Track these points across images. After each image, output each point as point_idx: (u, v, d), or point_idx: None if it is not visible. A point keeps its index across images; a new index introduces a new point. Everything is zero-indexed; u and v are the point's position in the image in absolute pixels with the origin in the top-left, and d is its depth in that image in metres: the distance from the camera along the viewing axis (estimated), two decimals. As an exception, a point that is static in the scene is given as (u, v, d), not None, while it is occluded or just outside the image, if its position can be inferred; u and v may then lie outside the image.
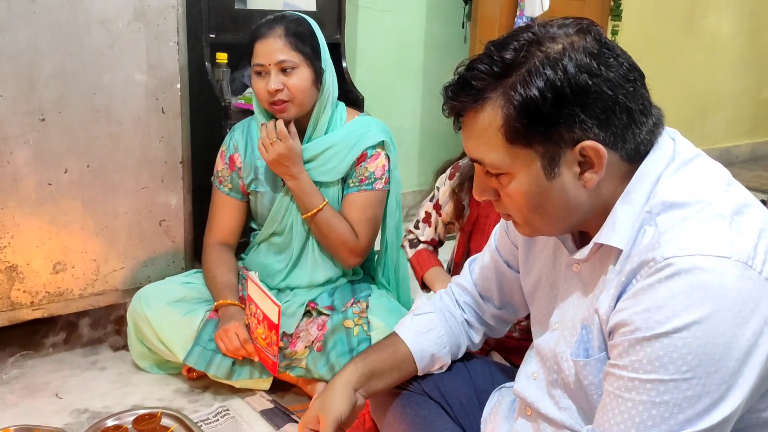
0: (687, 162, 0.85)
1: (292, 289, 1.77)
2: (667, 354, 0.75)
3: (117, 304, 1.88)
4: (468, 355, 1.32)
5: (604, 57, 0.80)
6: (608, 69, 0.80)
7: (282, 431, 1.55)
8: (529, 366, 1.03)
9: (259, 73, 1.63)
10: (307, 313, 1.72)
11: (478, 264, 1.21)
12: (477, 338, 1.22)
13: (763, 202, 3.60)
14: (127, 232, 1.82)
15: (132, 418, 1.46)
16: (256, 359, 1.62)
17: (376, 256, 1.88)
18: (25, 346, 1.84)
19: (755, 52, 4.59)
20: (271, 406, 1.64)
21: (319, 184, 1.70)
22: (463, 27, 3.19)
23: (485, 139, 0.83)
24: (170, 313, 1.68)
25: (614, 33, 3.61)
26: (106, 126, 1.73)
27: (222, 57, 2.20)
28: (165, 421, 1.46)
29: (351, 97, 2.39)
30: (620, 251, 0.84)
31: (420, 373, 1.18)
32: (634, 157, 0.84)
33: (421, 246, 1.75)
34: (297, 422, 1.57)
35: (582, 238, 0.94)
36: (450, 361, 1.20)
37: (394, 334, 1.19)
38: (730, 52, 4.48)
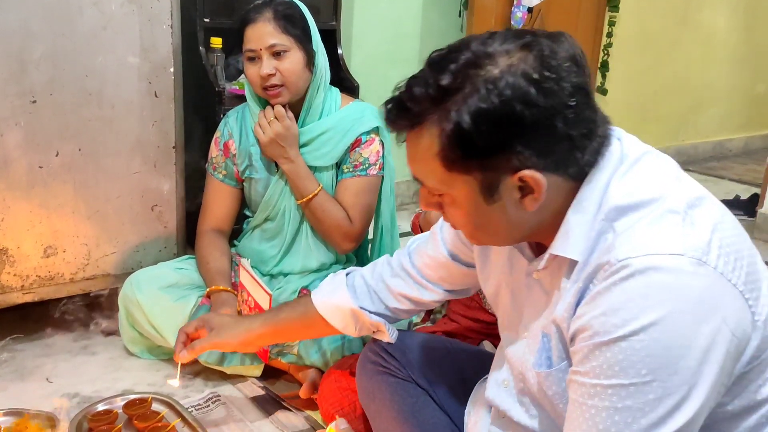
0: (635, 162, 0.83)
1: (285, 275, 1.77)
2: (626, 358, 0.74)
3: (108, 288, 1.87)
4: (456, 344, 1.32)
5: (544, 82, 0.76)
6: (547, 97, 0.76)
7: (273, 417, 1.55)
8: (500, 373, 1.02)
9: (251, 59, 1.62)
10: (300, 300, 1.72)
11: (421, 254, 1.15)
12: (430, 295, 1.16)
13: (756, 195, 3.61)
14: (118, 217, 1.81)
15: (123, 403, 1.46)
16: (248, 345, 1.62)
17: (370, 244, 1.88)
18: (16, 329, 1.83)
19: (750, 47, 4.60)
20: (263, 392, 1.65)
21: (313, 168, 1.69)
22: (459, 16, 3.18)
23: (424, 163, 0.81)
24: (162, 298, 1.67)
25: (611, 24, 3.61)
26: (98, 109, 1.71)
27: (216, 42, 2.18)
28: (156, 407, 1.46)
29: (346, 85, 2.38)
30: (576, 261, 0.82)
31: (356, 333, 1.21)
32: (579, 176, 0.82)
33: None
34: (289, 409, 1.58)
35: (539, 244, 0.93)
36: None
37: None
38: (725, 47, 4.49)
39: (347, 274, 1.22)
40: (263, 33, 1.59)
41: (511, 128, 0.76)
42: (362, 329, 1.21)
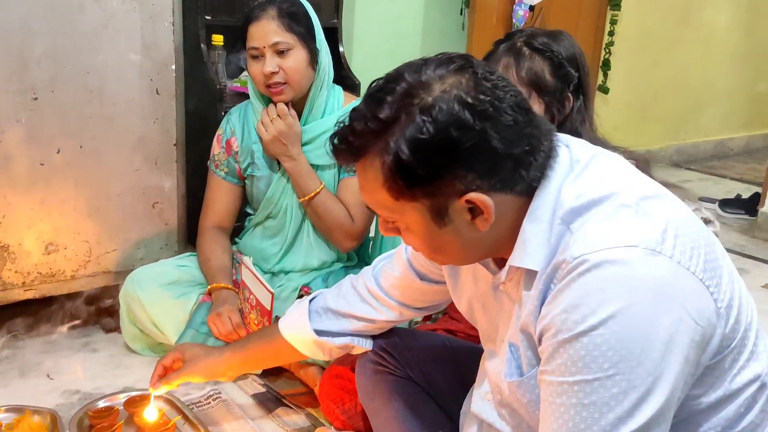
0: (586, 166, 0.84)
1: (286, 272, 1.78)
2: (588, 353, 0.74)
3: (109, 285, 1.87)
4: (456, 342, 1.33)
5: (479, 105, 0.76)
6: (482, 119, 0.76)
7: (274, 415, 1.55)
8: (483, 387, 1.03)
9: (254, 57, 1.62)
10: (301, 298, 1.72)
11: (387, 276, 1.16)
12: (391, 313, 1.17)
13: (757, 194, 3.60)
14: (120, 214, 1.81)
15: (123, 399, 1.46)
16: (249, 343, 1.62)
17: (371, 243, 1.88)
18: (17, 326, 1.83)
19: (751, 46, 4.60)
20: (263, 390, 1.65)
21: (315, 167, 1.70)
22: (461, 14, 3.17)
23: (373, 194, 0.82)
24: (163, 295, 1.67)
25: (613, 23, 3.60)
26: (99, 106, 1.71)
27: (218, 39, 2.18)
28: (157, 404, 1.46)
29: (347, 83, 2.38)
30: (536, 271, 0.83)
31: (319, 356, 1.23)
32: (527, 192, 0.82)
33: None
34: (289, 407, 1.58)
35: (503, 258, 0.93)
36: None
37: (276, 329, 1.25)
38: (726, 46, 4.49)
39: (311, 300, 1.24)
40: (267, 31, 1.59)
41: (450, 154, 0.76)
42: (332, 354, 1.23)
